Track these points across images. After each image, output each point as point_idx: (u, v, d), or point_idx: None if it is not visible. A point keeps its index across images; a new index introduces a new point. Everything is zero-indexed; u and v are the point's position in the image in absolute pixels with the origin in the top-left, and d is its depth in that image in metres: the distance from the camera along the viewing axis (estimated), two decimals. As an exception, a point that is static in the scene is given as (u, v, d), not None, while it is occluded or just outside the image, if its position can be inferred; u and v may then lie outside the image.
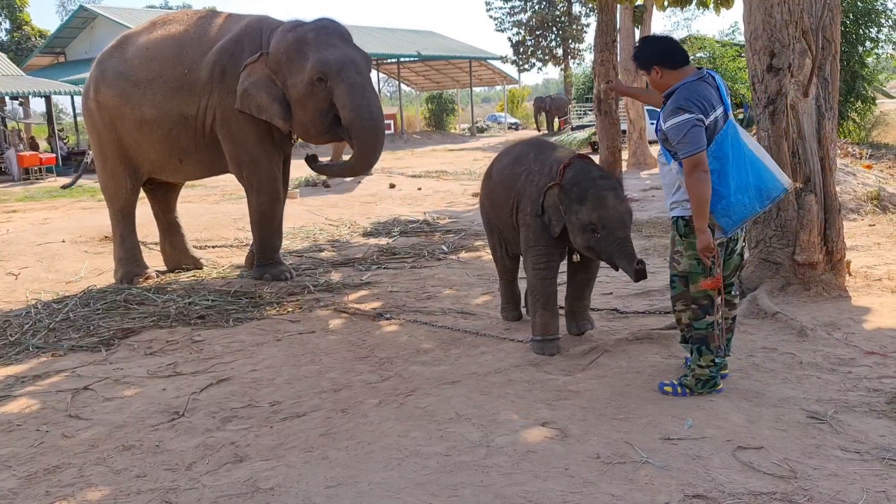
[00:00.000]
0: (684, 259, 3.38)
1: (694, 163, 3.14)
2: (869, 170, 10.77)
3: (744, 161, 3.20)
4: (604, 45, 10.83)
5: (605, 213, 3.78)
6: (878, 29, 16.98)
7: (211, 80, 5.83)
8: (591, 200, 3.80)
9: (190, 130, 5.98)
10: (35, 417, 3.60)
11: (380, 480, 2.80)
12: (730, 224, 3.23)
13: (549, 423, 3.23)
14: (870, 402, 3.28)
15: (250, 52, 5.76)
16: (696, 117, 3.13)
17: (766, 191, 3.22)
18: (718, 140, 3.20)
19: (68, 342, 4.76)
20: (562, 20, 36.68)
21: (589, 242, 3.83)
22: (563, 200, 3.90)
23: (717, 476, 2.70)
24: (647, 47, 3.42)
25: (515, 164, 4.39)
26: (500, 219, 4.54)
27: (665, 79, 3.31)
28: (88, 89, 6.32)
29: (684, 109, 3.15)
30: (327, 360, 4.26)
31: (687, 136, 3.13)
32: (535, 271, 4.17)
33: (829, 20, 4.81)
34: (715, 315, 3.37)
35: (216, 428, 3.39)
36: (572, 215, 3.86)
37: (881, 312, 4.50)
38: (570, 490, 2.66)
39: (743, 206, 3.19)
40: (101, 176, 6.52)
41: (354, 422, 3.36)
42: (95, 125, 6.30)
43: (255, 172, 5.99)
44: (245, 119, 5.81)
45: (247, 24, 6.01)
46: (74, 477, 2.97)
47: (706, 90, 3.21)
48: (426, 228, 8.74)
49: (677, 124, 3.15)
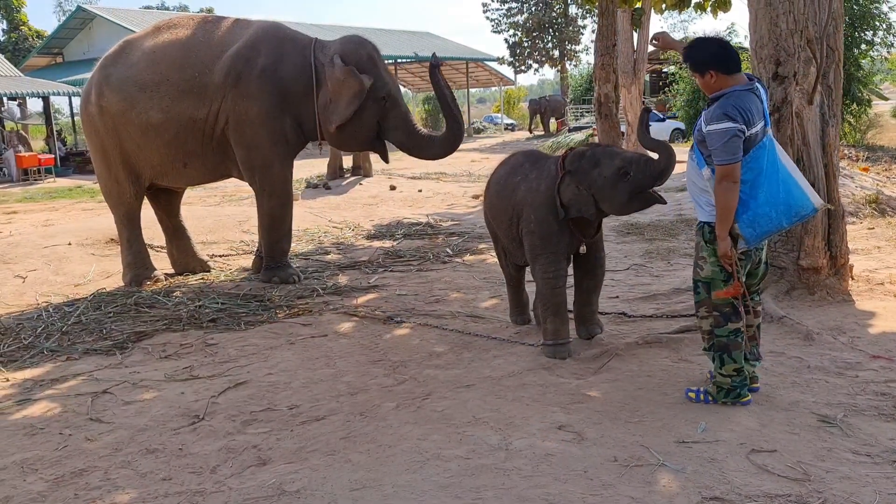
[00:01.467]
0: (708, 265, 3.38)
1: (726, 172, 3.17)
2: (866, 172, 10.87)
3: (777, 176, 3.21)
4: (604, 48, 10.95)
5: (622, 155, 3.96)
6: (873, 32, 17.14)
7: (225, 84, 5.88)
8: (602, 157, 3.98)
9: (198, 133, 6.01)
10: (57, 421, 3.65)
11: (403, 483, 2.86)
12: (753, 235, 3.24)
13: (566, 426, 3.29)
14: (878, 405, 3.36)
15: (266, 57, 5.86)
16: (739, 127, 3.13)
17: (795, 207, 3.22)
18: (755, 153, 3.21)
19: (82, 345, 4.81)
20: (558, 22, 36.77)
21: (629, 188, 3.89)
22: (580, 181, 4.01)
23: (732, 479, 2.77)
24: (703, 50, 3.37)
25: (511, 175, 4.45)
26: (501, 230, 4.59)
27: (717, 83, 3.28)
28: (90, 94, 6.27)
29: (729, 117, 3.14)
30: (342, 363, 4.32)
31: (726, 145, 3.14)
32: (545, 280, 4.21)
33: (832, 29, 4.90)
34: (737, 323, 3.38)
35: (237, 431, 3.44)
36: (596, 179, 3.95)
37: (885, 316, 4.58)
38: (590, 493, 2.73)
39: (769, 219, 3.21)
40: (105, 182, 6.48)
41: (374, 425, 3.43)
42: (97, 131, 6.26)
43: (268, 176, 6.05)
44: (260, 123, 5.89)
45: (260, 29, 6.09)
46: (101, 480, 3.03)
47: (753, 102, 3.22)
48: (429, 231, 8.80)
49: (719, 131, 3.16)
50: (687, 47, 3.42)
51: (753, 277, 3.51)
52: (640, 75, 15.34)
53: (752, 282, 3.51)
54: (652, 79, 30.89)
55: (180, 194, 6.99)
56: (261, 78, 5.88)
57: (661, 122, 22.97)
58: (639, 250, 7.15)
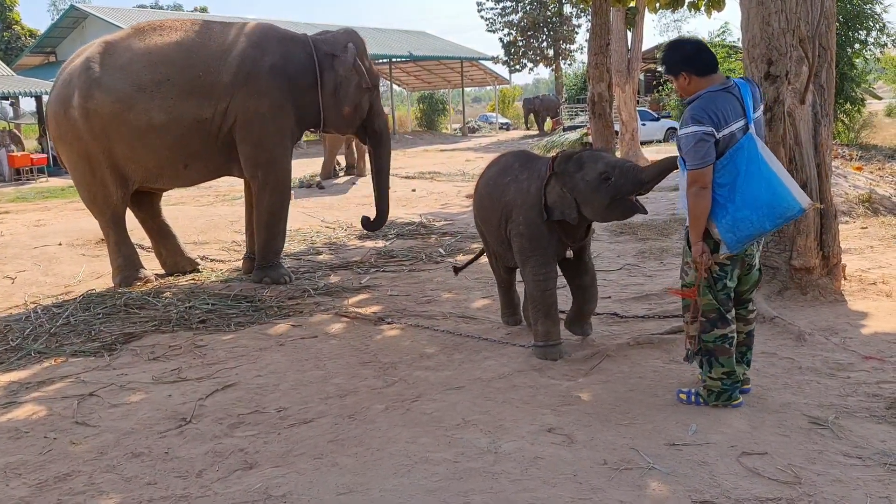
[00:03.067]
0: (692, 271, 3.32)
1: (695, 177, 3.12)
2: (859, 171, 10.87)
3: (758, 177, 3.10)
4: (598, 48, 10.90)
5: (607, 160, 3.91)
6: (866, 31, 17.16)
7: (234, 83, 5.95)
8: (587, 160, 3.93)
9: (203, 134, 6.00)
10: (42, 424, 3.61)
11: (390, 487, 2.83)
12: (734, 240, 3.15)
13: (555, 429, 3.27)
14: (869, 407, 3.34)
15: (272, 57, 6.05)
16: (705, 130, 3.08)
17: (779, 209, 3.11)
18: (731, 153, 3.12)
19: (70, 347, 4.77)
20: (553, 21, 36.74)
21: (609, 193, 3.82)
22: (565, 183, 3.96)
23: (723, 482, 2.75)
24: (675, 51, 3.32)
25: (501, 175, 4.41)
26: (490, 232, 4.54)
27: (692, 85, 3.24)
28: (69, 98, 5.98)
29: (696, 120, 3.10)
30: (331, 365, 4.29)
31: (693, 149, 3.10)
32: (535, 282, 4.17)
33: (825, 28, 4.87)
34: (724, 329, 3.31)
35: (224, 434, 3.41)
36: (579, 183, 3.90)
37: (877, 317, 4.57)
38: (580, 497, 2.70)
39: (750, 222, 3.11)
40: (88, 188, 6.23)
41: (362, 428, 3.40)
42: (79, 136, 6.00)
43: (273, 172, 6.18)
44: (268, 120, 6.04)
45: (260, 30, 6.24)
46: (85, 485, 2.99)
47: (726, 101, 3.15)
48: (422, 231, 8.77)
49: (687, 135, 3.12)
50: (663, 49, 3.40)
51: (745, 284, 3.43)
52: (634, 74, 15.33)
53: (743, 288, 3.43)
54: (646, 77, 30.93)
55: (160, 195, 6.90)
56: (270, 75, 6.05)
57: (655, 121, 22.99)
58: (632, 250, 7.13)
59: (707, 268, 3.23)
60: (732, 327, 3.34)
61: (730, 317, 3.33)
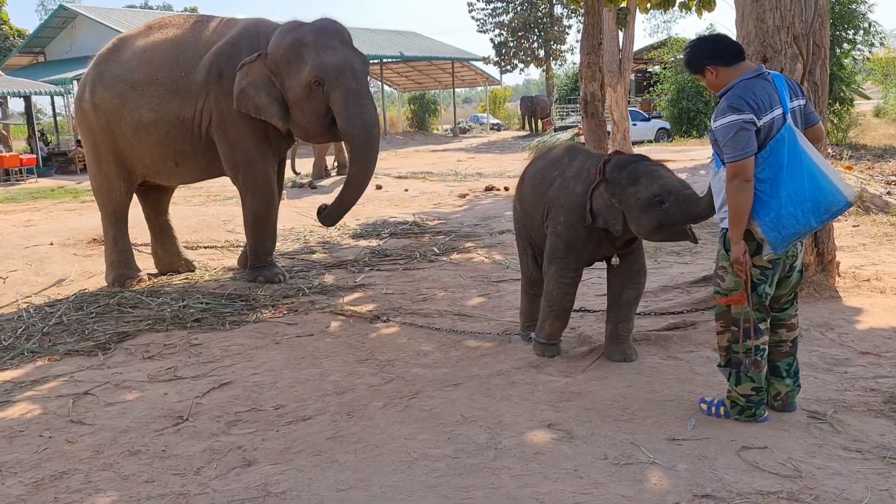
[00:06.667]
0: (729, 276, 3.09)
1: (736, 170, 2.88)
2: (850, 171, 10.94)
3: (800, 170, 2.88)
4: (590, 47, 10.93)
5: (664, 181, 3.60)
6: (854, 32, 17.28)
7: (207, 82, 5.84)
8: (644, 176, 3.63)
9: (186, 133, 5.97)
10: (37, 423, 3.58)
11: (391, 483, 2.82)
12: (779, 239, 2.90)
13: (555, 424, 3.26)
14: (867, 401, 3.35)
15: (248, 53, 5.77)
16: (746, 118, 2.86)
17: (825, 204, 2.89)
18: (772, 145, 2.89)
19: (64, 346, 4.73)
20: (544, 22, 36.76)
21: (659, 219, 3.55)
22: (614, 193, 3.68)
23: (724, 476, 2.75)
24: (695, 49, 3.14)
25: (549, 169, 4.14)
26: (532, 226, 4.27)
27: (721, 78, 3.04)
28: (84, 91, 6.28)
29: (734, 109, 2.88)
30: (328, 363, 4.27)
31: (733, 140, 2.87)
32: (559, 284, 3.99)
33: (819, 25, 4.89)
34: (757, 339, 3.09)
35: (222, 432, 3.38)
36: (630, 198, 3.61)
37: (872, 313, 4.59)
38: (581, 491, 2.69)
39: (795, 219, 2.87)
40: (95, 178, 6.46)
41: (360, 425, 3.38)
42: (90, 127, 6.26)
43: (251, 174, 6.00)
44: (242, 121, 5.82)
45: (243, 26, 6.04)
46: (82, 483, 2.96)
47: (764, 88, 2.94)
48: (416, 230, 8.75)
49: (725, 125, 2.89)
50: (683, 51, 3.23)
51: (785, 287, 3.17)
52: (626, 74, 15.34)
53: (782, 292, 3.17)
54: (637, 78, 31.01)
55: (170, 193, 6.94)
56: None
57: (646, 121, 23.06)
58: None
59: (747, 270, 2.99)
60: (765, 338, 3.14)
61: (763, 327, 3.11)
